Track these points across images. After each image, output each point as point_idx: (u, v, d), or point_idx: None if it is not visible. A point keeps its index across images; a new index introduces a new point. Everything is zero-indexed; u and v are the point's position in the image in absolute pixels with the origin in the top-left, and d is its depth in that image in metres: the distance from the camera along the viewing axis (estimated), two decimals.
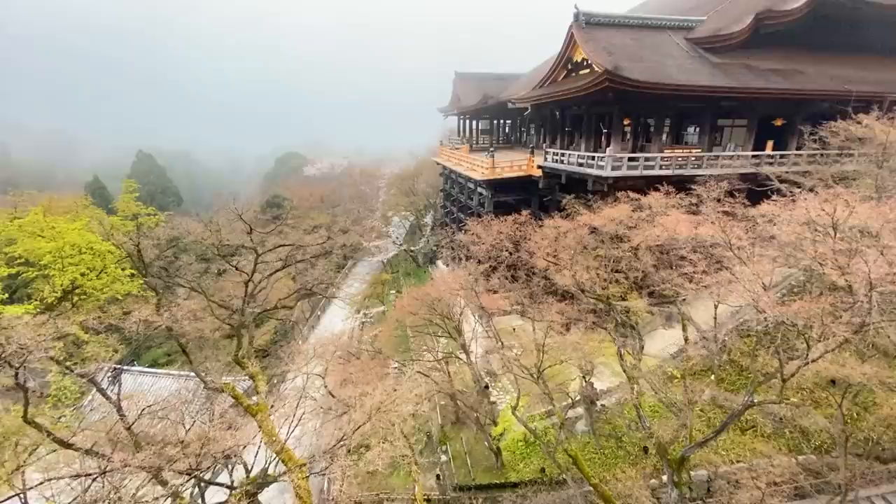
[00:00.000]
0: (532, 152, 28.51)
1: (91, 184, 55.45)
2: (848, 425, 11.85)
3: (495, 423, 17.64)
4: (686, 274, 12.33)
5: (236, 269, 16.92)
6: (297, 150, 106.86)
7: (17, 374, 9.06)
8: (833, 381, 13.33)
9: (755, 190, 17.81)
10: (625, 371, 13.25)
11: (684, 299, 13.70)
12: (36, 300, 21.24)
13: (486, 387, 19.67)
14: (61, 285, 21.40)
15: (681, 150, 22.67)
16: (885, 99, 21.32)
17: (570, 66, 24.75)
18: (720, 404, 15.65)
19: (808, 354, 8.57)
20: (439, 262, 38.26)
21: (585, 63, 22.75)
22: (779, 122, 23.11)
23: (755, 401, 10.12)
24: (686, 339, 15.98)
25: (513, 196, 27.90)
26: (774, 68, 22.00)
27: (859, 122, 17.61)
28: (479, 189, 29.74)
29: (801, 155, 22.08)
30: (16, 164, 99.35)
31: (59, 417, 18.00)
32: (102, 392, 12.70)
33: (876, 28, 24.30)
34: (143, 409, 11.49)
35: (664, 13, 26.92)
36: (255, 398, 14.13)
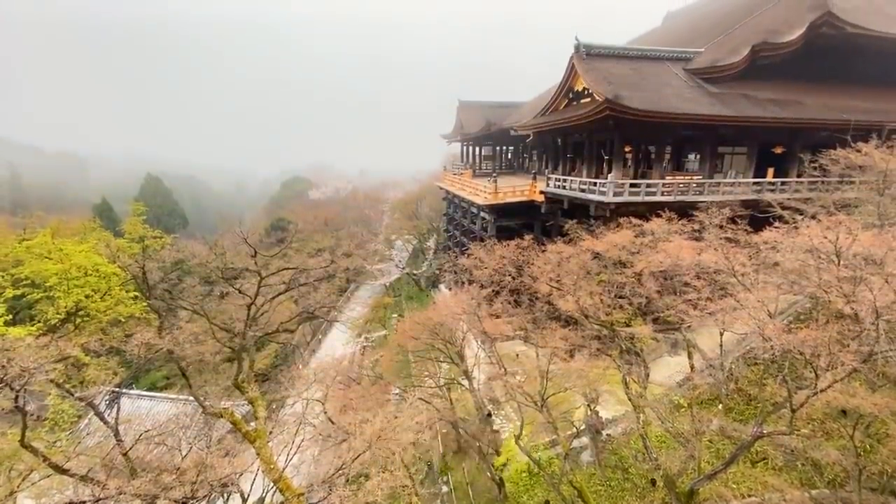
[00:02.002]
0: (534, 178, 28.86)
1: (99, 206, 56.08)
2: (861, 458, 11.48)
3: (498, 453, 17.21)
4: (690, 300, 12.24)
5: (240, 292, 16.90)
6: (301, 173, 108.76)
7: (17, 398, 8.99)
8: (844, 412, 13.02)
9: (757, 216, 17.87)
10: (630, 399, 13.00)
11: (689, 326, 13.53)
12: (39, 321, 21.27)
13: (489, 415, 19.29)
14: (65, 307, 21.46)
15: (682, 177, 22.88)
16: (884, 127, 21.64)
17: (571, 95, 25.32)
18: (729, 435, 15.22)
19: (816, 384, 8.41)
20: (442, 286, 38.19)
21: (586, 92, 23.29)
22: (779, 150, 23.37)
23: (765, 431, 9.87)
24: (692, 367, 15.72)
25: (515, 221, 28.08)
26: (772, 98, 22.43)
27: (859, 151, 17.75)
28: (482, 214, 29.95)
29: (802, 182, 22.28)
30: (26, 185, 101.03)
31: (55, 441, 17.72)
32: (101, 417, 12.57)
33: (872, 58, 24.84)
34: (140, 435, 11.35)
35: (662, 45, 27.71)
36: (253, 424, 13.90)
